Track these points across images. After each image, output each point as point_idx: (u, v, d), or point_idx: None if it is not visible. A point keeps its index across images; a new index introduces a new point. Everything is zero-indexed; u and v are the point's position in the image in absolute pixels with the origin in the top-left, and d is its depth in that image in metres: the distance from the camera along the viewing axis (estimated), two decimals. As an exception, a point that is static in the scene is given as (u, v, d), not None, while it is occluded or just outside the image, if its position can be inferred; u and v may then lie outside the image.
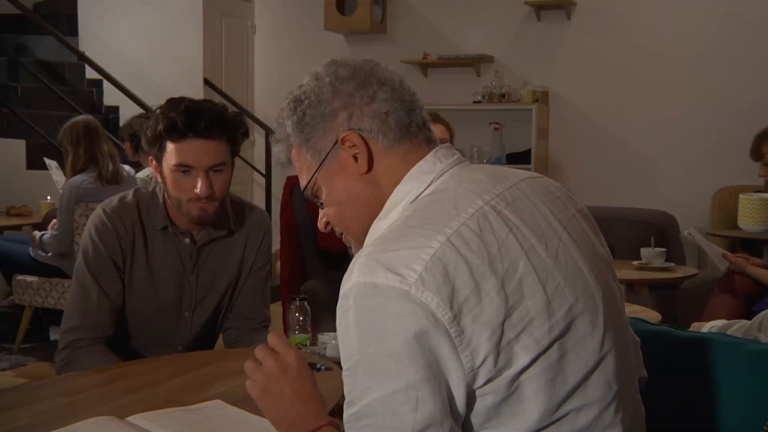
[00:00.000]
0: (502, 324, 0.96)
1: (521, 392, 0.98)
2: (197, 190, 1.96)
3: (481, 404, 0.99)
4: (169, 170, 1.98)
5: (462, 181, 1.09)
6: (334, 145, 1.13)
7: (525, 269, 1.00)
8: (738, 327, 2.03)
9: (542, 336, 0.98)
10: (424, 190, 1.10)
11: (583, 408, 1.02)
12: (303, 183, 1.19)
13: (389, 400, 0.95)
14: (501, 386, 0.98)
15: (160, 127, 1.94)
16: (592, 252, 1.11)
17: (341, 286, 1.01)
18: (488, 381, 0.97)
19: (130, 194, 2.11)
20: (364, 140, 1.12)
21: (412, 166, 1.12)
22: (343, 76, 1.13)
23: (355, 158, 1.12)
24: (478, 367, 0.96)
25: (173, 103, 1.97)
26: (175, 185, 1.98)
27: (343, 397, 1.03)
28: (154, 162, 2.03)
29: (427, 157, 1.13)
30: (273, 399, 1.15)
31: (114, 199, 2.10)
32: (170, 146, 1.96)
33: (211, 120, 1.95)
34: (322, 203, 1.19)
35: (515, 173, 1.16)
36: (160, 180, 2.05)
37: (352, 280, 0.98)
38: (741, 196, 4.24)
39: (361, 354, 0.97)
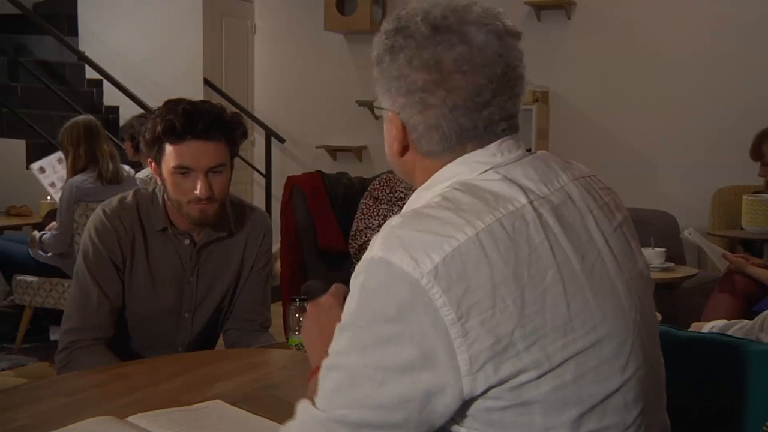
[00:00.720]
0: (512, 333, 0.93)
1: (530, 407, 0.96)
2: (197, 192, 1.96)
3: (481, 405, 0.96)
4: (168, 172, 1.97)
5: (510, 176, 1.04)
6: (388, 110, 1.10)
7: (552, 281, 0.96)
8: (739, 327, 2.03)
9: (554, 352, 0.95)
10: (472, 178, 1.05)
11: (600, 431, 0.99)
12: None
13: (357, 370, 0.96)
14: (503, 394, 0.95)
15: (159, 129, 1.94)
16: (631, 268, 1.07)
17: (368, 249, 0.99)
18: (489, 387, 0.94)
19: (129, 195, 2.10)
20: (405, 131, 1.08)
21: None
22: (419, 62, 1.04)
23: (396, 137, 1.09)
24: (477, 371, 0.93)
25: (171, 105, 1.97)
26: (175, 187, 1.98)
27: None
28: (153, 164, 2.03)
29: (490, 146, 1.06)
30: (318, 326, 1.19)
31: (114, 200, 2.10)
32: (169, 148, 1.96)
33: (209, 121, 1.95)
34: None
35: (570, 170, 1.11)
36: (159, 182, 2.05)
37: (372, 250, 0.97)
38: (744, 197, 4.23)
39: (352, 321, 0.98)
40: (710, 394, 1.39)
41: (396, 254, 0.94)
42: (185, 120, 1.92)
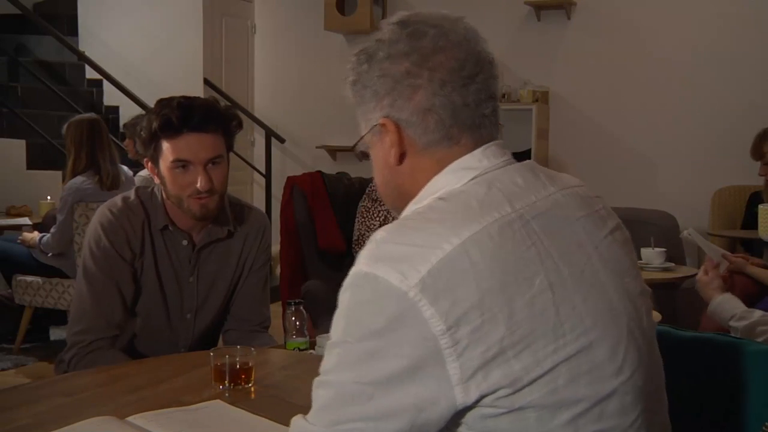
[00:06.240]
0: (501, 340, 0.93)
1: (524, 412, 0.95)
2: (198, 186, 1.96)
3: (476, 413, 0.96)
4: (167, 168, 1.98)
5: (496, 183, 1.04)
6: (377, 124, 1.10)
7: (540, 287, 0.96)
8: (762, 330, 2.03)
9: (545, 357, 0.94)
10: (458, 187, 1.05)
11: None
12: (358, 137, 1.17)
13: (346, 386, 0.95)
14: (498, 402, 0.94)
15: (155, 125, 1.94)
16: (623, 273, 1.07)
17: (355, 263, 0.99)
18: (482, 396, 0.94)
19: (132, 194, 2.10)
20: (400, 132, 1.08)
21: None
22: (397, 54, 1.07)
23: (392, 144, 1.09)
24: (468, 380, 0.93)
25: (164, 101, 1.98)
26: (174, 182, 1.98)
27: None
28: (150, 164, 2.03)
29: (475, 152, 1.07)
30: None
31: (117, 200, 2.09)
32: (166, 144, 1.96)
33: (204, 113, 1.96)
34: (369, 159, 1.17)
35: (558, 180, 1.11)
36: (157, 181, 2.05)
37: (358, 265, 0.97)
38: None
39: (341, 338, 0.97)
40: (710, 394, 1.39)
41: (382, 268, 0.94)
42: (181, 113, 1.93)
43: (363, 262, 0.97)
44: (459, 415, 0.97)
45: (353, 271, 0.98)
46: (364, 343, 0.94)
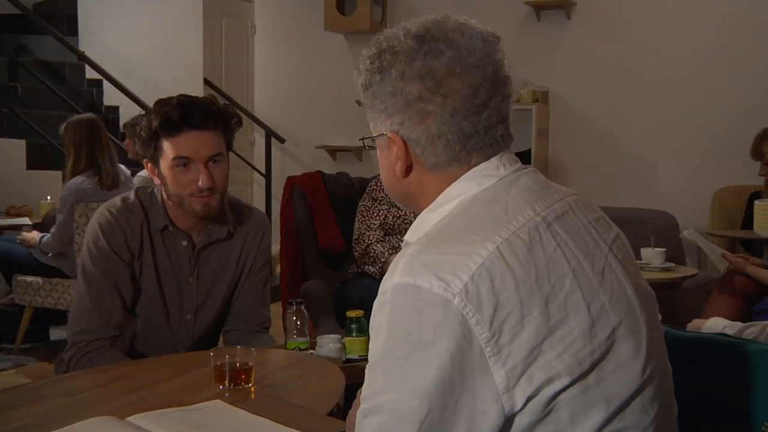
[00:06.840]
0: (541, 343, 0.93)
1: (557, 414, 0.95)
2: (200, 183, 1.96)
3: (519, 422, 0.96)
4: (167, 167, 1.97)
5: (513, 188, 1.05)
6: (385, 133, 1.10)
7: (571, 287, 0.97)
8: (750, 332, 2.03)
9: (584, 357, 0.95)
10: (477, 194, 1.05)
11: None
12: (365, 133, 1.15)
13: (400, 404, 0.93)
14: (539, 405, 0.94)
15: (155, 124, 1.94)
16: (635, 274, 1.09)
17: (382, 282, 0.98)
18: (528, 401, 0.94)
19: (131, 195, 2.10)
20: (408, 149, 1.08)
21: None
22: (411, 75, 1.05)
23: (398, 157, 1.09)
24: (514, 388, 0.93)
25: (163, 101, 1.99)
26: (175, 181, 1.98)
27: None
28: (149, 165, 2.02)
29: (492, 160, 1.07)
30: None
31: (117, 200, 2.09)
32: (166, 143, 1.96)
33: (204, 111, 1.96)
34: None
35: (560, 188, 1.13)
36: (157, 181, 2.04)
37: (394, 279, 0.96)
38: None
39: (385, 354, 0.95)
40: (710, 394, 1.39)
41: (423, 278, 0.93)
42: (181, 111, 1.94)
43: (399, 275, 0.95)
44: (506, 425, 0.96)
45: (387, 286, 0.96)
46: (413, 355, 0.93)
